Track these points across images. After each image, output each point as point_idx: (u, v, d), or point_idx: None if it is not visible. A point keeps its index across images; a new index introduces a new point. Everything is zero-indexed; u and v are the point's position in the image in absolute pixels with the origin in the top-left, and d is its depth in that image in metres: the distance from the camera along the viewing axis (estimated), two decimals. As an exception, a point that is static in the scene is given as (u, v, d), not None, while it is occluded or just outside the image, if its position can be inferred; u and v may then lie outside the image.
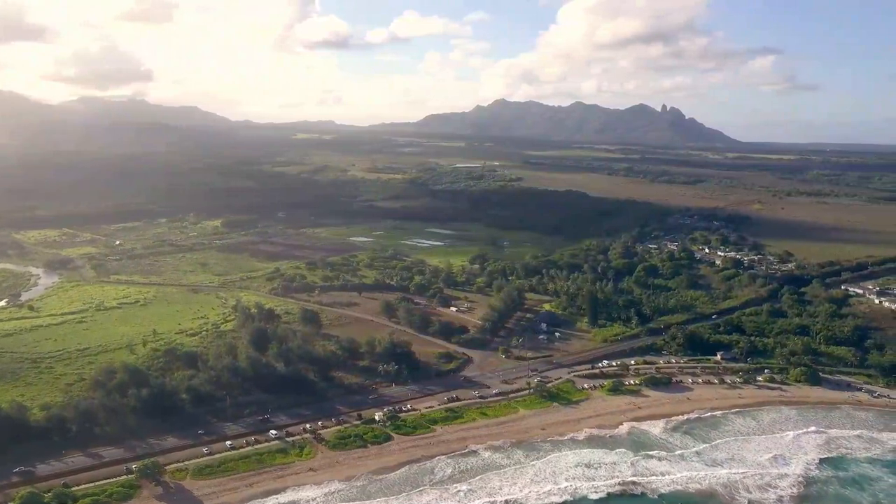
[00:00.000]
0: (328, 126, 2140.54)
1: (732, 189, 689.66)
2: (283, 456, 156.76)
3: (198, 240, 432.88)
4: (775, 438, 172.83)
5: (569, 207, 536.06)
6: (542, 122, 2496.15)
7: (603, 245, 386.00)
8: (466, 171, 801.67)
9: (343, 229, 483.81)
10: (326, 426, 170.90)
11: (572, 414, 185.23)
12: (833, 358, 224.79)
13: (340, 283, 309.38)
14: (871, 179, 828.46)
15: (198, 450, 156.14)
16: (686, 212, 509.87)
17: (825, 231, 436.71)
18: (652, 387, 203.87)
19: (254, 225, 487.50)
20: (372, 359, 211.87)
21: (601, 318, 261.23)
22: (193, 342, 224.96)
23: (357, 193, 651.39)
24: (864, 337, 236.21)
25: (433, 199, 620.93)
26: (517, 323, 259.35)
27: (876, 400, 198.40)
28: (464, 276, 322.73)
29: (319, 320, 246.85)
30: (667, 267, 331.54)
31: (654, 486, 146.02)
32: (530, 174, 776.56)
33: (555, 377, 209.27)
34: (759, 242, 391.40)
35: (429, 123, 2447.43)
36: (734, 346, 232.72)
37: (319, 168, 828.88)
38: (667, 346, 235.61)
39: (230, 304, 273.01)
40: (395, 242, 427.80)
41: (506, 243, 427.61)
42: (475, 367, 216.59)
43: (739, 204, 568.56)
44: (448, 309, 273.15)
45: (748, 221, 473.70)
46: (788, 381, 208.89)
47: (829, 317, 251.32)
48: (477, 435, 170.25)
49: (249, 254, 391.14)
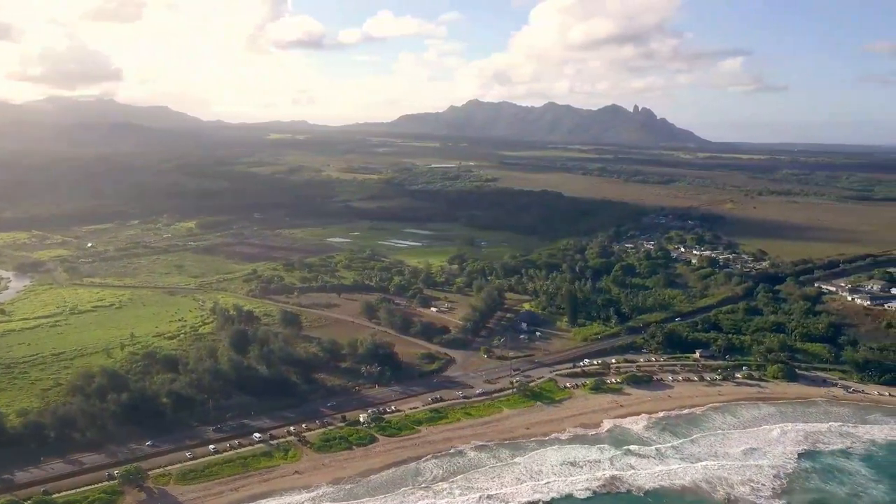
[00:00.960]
0: (301, 126, 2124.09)
1: (705, 189, 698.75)
2: (268, 459, 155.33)
3: (172, 241, 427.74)
4: (755, 434, 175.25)
5: (545, 207, 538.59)
6: (516, 123, 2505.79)
7: (580, 245, 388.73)
8: (442, 172, 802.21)
9: (319, 230, 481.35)
10: (311, 428, 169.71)
11: (556, 413, 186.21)
12: (809, 354, 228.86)
13: (319, 284, 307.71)
14: (839, 179, 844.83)
15: (181, 454, 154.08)
16: (661, 211, 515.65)
17: (797, 230, 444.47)
18: (633, 385, 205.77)
19: (229, 226, 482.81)
20: (354, 360, 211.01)
21: (581, 318, 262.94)
22: (172, 345, 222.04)
23: (333, 194, 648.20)
24: (837, 333, 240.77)
25: (410, 199, 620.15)
26: (498, 323, 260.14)
27: (851, 395, 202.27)
28: (443, 277, 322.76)
29: (300, 322, 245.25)
30: (644, 266, 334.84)
31: (639, 483, 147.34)
32: (506, 174, 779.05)
33: (537, 376, 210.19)
34: (733, 241, 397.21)
35: (403, 123, 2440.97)
36: (712, 344, 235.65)
37: (294, 168, 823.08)
38: (646, 345, 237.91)
39: (208, 306, 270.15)
40: (373, 243, 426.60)
41: (483, 243, 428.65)
42: (458, 367, 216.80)
43: (712, 203, 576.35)
44: (428, 309, 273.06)
45: (721, 220, 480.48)
46: (766, 378, 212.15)
47: (804, 314, 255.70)
48: (462, 435, 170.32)
49: (225, 255, 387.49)
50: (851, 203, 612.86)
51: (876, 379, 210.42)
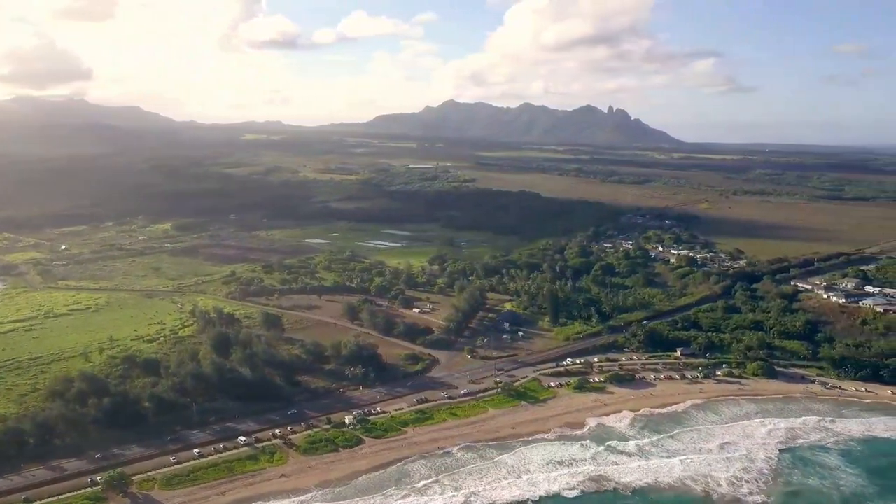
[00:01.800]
0: (276, 126, 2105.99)
1: (680, 189, 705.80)
2: (254, 463, 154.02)
3: (148, 243, 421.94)
4: (737, 430, 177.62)
5: (523, 208, 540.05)
6: (492, 123, 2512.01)
7: (559, 245, 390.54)
8: (420, 172, 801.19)
9: (297, 231, 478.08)
10: (296, 431, 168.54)
11: (541, 412, 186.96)
12: (787, 352, 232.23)
13: (299, 285, 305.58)
14: (810, 179, 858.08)
15: (165, 459, 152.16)
16: (637, 211, 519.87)
17: (771, 229, 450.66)
18: (616, 383, 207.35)
19: (205, 227, 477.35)
20: (338, 362, 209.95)
21: (562, 317, 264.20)
22: (152, 349, 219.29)
23: (310, 194, 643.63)
24: (814, 331, 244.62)
25: (388, 199, 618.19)
26: (480, 323, 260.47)
27: (829, 391, 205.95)
28: (424, 278, 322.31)
29: (281, 324, 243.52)
30: (623, 266, 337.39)
31: (625, 480, 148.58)
32: (483, 175, 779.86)
33: (521, 376, 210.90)
34: (709, 241, 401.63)
35: (378, 124, 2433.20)
36: (693, 342, 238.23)
37: (270, 169, 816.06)
38: (628, 343, 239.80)
39: (187, 309, 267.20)
40: (352, 244, 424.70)
41: (463, 244, 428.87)
42: (442, 367, 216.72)
43: (688, 203, 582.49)
44: (411, 310, 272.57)
45: (697, 220, 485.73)
46: (746, 375, 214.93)
47: (781, 312, 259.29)
48: (448, 436, 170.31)
49: (203, 257, 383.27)
50: (823, 202, 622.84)
51: (852, 375, 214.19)
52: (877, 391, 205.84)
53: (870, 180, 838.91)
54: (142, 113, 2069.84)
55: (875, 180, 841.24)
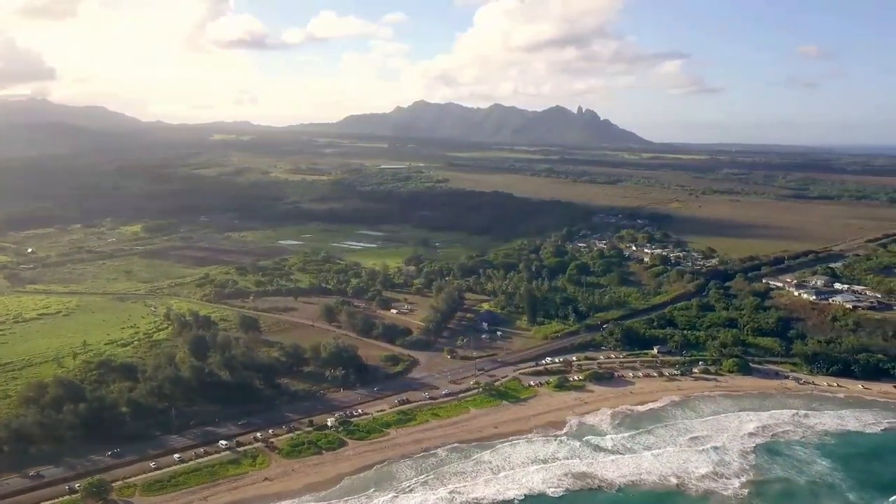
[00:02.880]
0: (245, 127, 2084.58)
1: (650, 188, 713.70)
2: (236, 467, 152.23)
3: (117, 246, 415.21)
4: (716, 426, 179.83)
5: (496, 208, 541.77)
6: (462, 124, 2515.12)
7: (534, 244, 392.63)
8: (392, 173, 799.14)
9: (270, 232, 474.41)
10: (278, 434, 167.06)
11: (522, 411, 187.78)
12: (761, 348, 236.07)
13: (275, 287, 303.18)
14: (776, 178, 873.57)
15: (144, 464, 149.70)
16: (610, 211, 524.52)
17: (741, 228, 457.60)
18: (595, 382, 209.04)
19: (176, 229, 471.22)
20: (317, 364, 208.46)
21: (540, 316, 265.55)
22: (126, 353, 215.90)
23: (282, 195, 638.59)
24: (787, 327, 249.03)
25: (361, 200, 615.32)
26: (459, 323, 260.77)
27: (803, 387, 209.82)
28: (401, 278, 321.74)
29: (259, 326, 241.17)
30: (598, 265, 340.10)
31: (610, 478, 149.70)
32: (455, 175, 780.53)
33: (501, 375, 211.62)
34: (682, 239, 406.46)
35: (348, 124, 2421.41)
36: (669, 340, 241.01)
37: (240, 170, 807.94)
38: (605, 342, 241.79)
39: (161, 312, 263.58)
40: (326, 245, 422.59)
41: (438, 244, 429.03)
42: (422, 368, 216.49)
43: (659, 202, 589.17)
44: (388, 311, 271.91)
45: (669, 219, 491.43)
46: (722, 372, 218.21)
47: (754, 309, 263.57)
48: (431, 436, 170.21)
49: (175, 259, 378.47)
50: (789, 201, 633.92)
51: (824, 371, 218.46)
52: (848, 386, 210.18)
53: (833, 180, 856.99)
54: (107, 113, 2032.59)
55: (838, 179, 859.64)
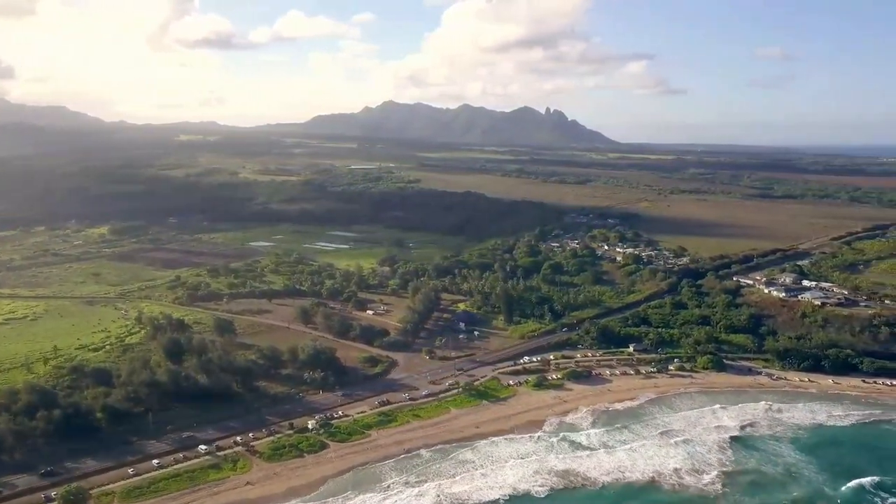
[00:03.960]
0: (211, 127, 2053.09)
1: (619, 188, 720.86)
2: (217, 471, 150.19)
3: (84, 248, 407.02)
4: (693, 423, 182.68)
5: (469, 208, 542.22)
6: (431, 124, 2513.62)
7: (508, 244, 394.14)
8: (363, 173, 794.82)
9: (240, 234, 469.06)
10: (258, 437, 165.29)
11: (502, 411, 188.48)
12: (734, 345, 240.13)
13: (248, 289, 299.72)
14: (741, 178, 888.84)
15: (123, 471, 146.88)
16: (581, 210, 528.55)
17: (709, 226, 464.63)
18: (574, 380, 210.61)
19: (144, 231, 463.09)
20: (295, 366, 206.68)
21: (516, 316, 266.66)
22: (99, 357, 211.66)
23: (251, 196, 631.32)
24: (758, 324, 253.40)
25: (332, 201, 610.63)
26: (436, 323, 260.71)
27: (775, 382, 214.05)
28: (376, 279, 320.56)
29: (234, 329, 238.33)
30: (571, 264, 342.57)
31: (593, 476, 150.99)
32: (426, 175, 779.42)
33: (480, 375, 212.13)
34: (652, 239, 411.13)
35: (317, 124, 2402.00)
36: (644, 338, 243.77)
37: (208, 170, 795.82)
38: (582, 340, 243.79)
39: (132, 315, 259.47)
40: (298, 246, 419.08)
41: (411, 245, 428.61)
42: (401, 369, 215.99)
43: (629, 202, 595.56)
44: (364, 312, 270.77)
45: (639, 219, 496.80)
46: (697, 369, 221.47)
47: (726, 307, 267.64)
48: (413, 437, 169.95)
49: (144, 262, 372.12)
50: (755, 200, 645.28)
51: (796, 366, 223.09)
52: (819, 381, 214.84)
53: (796, 179, 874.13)
54: (68, 113, 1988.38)
55: (800, 179, 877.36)
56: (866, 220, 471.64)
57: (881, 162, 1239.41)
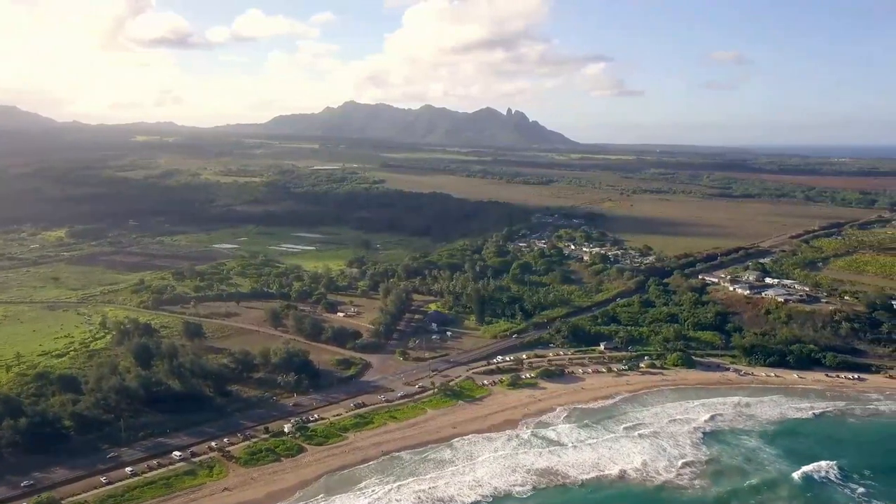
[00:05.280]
0: (168, 128, 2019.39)
1: (583, 188, 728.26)
2: (192, 478, 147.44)
3: (42, 252, 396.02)
4: (665, 419, 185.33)
5: (435, 209, 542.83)
6: (393, 125, 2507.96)
7: (476, 245, 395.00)
8: (327, 174, 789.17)
9: (203, 236, 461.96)
10: (233, 442, 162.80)
11: (478, 410, 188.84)
12: (702, 342, 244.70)
13: (215, 292, 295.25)
14: (700, 177, 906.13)
15: (95, 479, 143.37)
16: (546, 211, 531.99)
17: (672, 225, 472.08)
18: (547, 379, 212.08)
19: (104, 234, 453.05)
20: (268, 370, 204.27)
21: (487, 316, 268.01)
22: (63, 364, 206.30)
23: (213, 198, 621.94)
24: (724, 321, 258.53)
25: (296, 202, 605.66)
26: (408, 324, 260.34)
27: (743, 378, 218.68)
28: (346, 281, 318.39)
29: (203, 333, 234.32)
30: (539, 264, 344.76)
31: (573, 474, 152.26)
32: (390, 176, 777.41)
33: (455, 375, 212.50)
34: (618, 238, 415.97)
35: (277, 125, 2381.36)
36: (614, 336, 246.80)
37: (168, 172, 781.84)
38: (553, 339, 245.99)
39: (96, 320, 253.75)
40: (263, 248, 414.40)
41: (378, 246, 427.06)
42: (375, 371, 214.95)
43: (592, 202, 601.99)
44: (335, 314, 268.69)
45: (604, 218, 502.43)
46: (667, 366, 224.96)
47: (693, 304, 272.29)
48: (391, 439, 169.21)
49: (105, 265, 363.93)
50: (715, 200, 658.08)
51: (762, 362, 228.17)
52: (784, 375, 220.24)
53: (753, 179, 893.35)
54: (18, 113, 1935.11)
55: (757, 179, 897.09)
56: (822, 219, 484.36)
57: (832, 162, 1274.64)
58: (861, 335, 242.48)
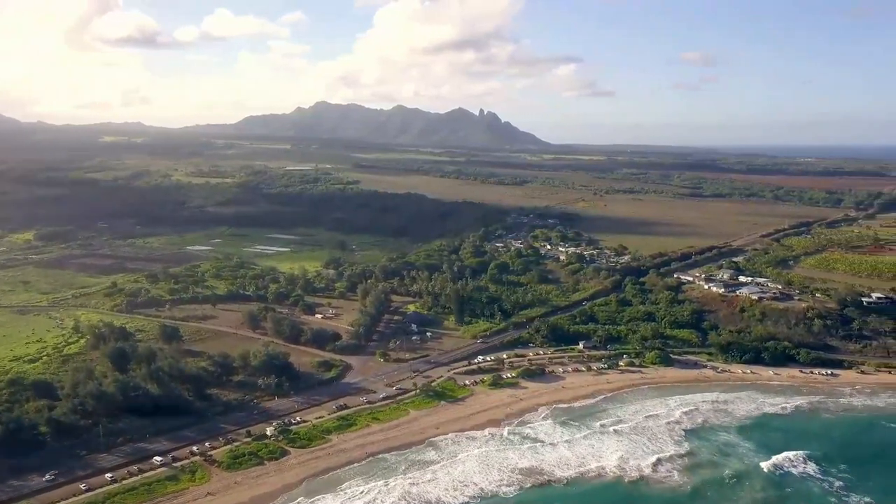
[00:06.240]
0: (137, 128, 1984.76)
1: (556, 188, 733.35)
2: (175, 483, 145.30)
3: (9, 255, 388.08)
4: (646, 417, 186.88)
5: (411, 209, 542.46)
6: (365, 125, 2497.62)
7: (453, 245, 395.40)
8: (300, 174, 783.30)
9: (176, 238, 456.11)
10: (215, 447, 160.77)
11: (461, 411, 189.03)
12: (679, 340, 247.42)
13: (190, 295, 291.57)
14: (671, 177, 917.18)
15: (74, 486, 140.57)
16: (521, 211, 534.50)
17: (646, 225, 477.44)
18: (528, 378, 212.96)
19: (73, 236, 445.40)
20: (247, 373, 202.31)
21: (467, 316, 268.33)
22: (36, 369, 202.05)
23: (185, 199, 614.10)
24: (700, 319, 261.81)
25: (269, 203, 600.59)
26: (387, 325, 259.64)
27: (720, 375, 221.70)
28: (323, 282, 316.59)
29: (180, 336, 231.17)
30: (517, 264, 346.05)
31: (558, 473, 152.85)
32: (364, 177, 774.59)
33: (436, 376, 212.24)
34: (593, 238, 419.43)
35: (248, 125, 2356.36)
36: (593, 335, 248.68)
37: (138, 173, 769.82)
38: (533, 339, 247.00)
39: (68, 324, 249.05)
40: (237, 250, 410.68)
41: (354, 247, 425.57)
42: (356, 372, 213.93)
43: (566, 202, 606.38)
44: (313, 316, 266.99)
45: (578, 218, 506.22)
46: (646, 364, 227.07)
47: (669, 303, 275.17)
48: (375, 440, 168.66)
49: (76, 268, 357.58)
50: (687, 199, 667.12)
51: (738, 359, 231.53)
52: (760, 372, 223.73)
53: (722, 179, 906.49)
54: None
55: (726, 178, 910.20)
56: (791, 218, 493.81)
57: (798, 162, 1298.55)
58: (833, 332, 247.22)
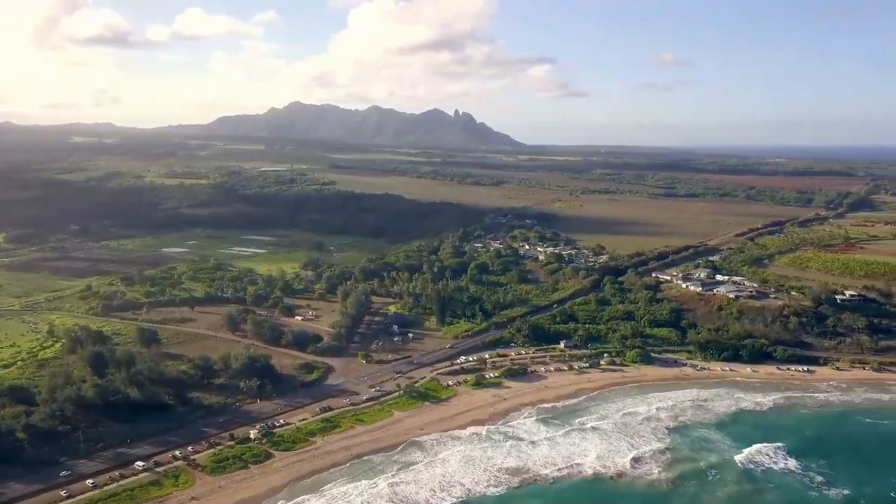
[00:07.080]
0: (107, 128, 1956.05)
1: (533, 189, 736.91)
2: (158, 488, 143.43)
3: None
4: (628, 415, 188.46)
5: (389, 210, 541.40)
6: (341, 126, 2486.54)
7: (433, 246, 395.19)
8: (275, 175, 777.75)
9: (151, 240, 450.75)
10: (198, 451, 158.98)
11: (445, 411, 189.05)
12: (658, 338, 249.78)
13: (168, 298, 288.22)
14: (645, 178, 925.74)
15: (54, 493, 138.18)
16: (499, 211, 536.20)
17: (622, 225, 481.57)
18: (511, 378, 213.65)
19: (45, 239, 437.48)
20: (229, 376, 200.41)
21: (448, 316, 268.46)
22: (11, 374, 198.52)
23: (159, 201, 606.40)
24: (679, 318, 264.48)
25: (244, 204, 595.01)
26: (368, 327, 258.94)
27: (700, 373, 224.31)
28: (302, 284, 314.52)
29: (159, 339, 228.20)
30: (496, 264, 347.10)
31: (543, 472, 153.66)
32: (341, 178, 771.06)
33: (419, 377, 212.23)
34: (571, 238, 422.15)
35: (221, 125, 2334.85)
36: (574, 335, 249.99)
37: (109, 174, 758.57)
38: (514, 338, 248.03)
39: (42, 328, 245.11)
40: (213, 252, 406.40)
41: (332, 248, 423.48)
42: (339, 374, 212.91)
43: (543, 202, 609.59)
44: (293, 318, 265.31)
45: (556, 218, 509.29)
46: (627, 363, 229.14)
47: (648, 302, 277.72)
48: (359, 442, 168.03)
49: (49, 271, 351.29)
50: (661, 199, 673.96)
51: (717, 357, 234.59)
52: (739, 370, 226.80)
53: (696, 179, 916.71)
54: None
55: (700, 178, 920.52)
56: (764, 217, 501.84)
57: (769, 162, 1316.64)
58: (808, 329, 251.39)
